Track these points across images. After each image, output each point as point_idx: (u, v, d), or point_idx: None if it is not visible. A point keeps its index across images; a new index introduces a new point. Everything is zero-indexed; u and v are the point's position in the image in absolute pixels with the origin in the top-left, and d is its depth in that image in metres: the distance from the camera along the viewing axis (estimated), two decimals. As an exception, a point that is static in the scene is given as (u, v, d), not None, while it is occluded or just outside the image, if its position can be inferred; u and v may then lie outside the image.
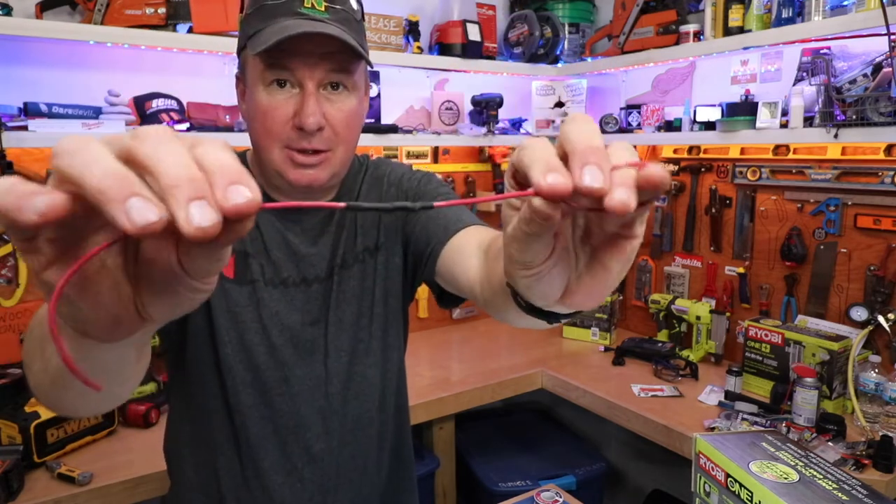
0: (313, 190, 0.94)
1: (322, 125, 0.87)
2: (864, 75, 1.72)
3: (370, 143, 2.24)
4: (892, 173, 1.78)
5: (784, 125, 1.91)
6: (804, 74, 1.93)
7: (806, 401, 1.64)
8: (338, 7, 0.88)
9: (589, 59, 2.50)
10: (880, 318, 1.76)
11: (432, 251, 0.94)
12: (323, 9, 0.86)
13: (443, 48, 2.34)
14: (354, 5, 0.91)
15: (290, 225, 0.99)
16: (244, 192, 0.30)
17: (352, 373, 1.02)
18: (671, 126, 2.29)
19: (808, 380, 1.65)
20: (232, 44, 1.85)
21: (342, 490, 1.01)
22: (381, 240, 1.04)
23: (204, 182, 0.30)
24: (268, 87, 0.87)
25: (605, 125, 2.48)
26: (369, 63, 0.92)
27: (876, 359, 1.70)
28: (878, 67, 1.69)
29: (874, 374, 1.66)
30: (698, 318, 2.16)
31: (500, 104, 2.45)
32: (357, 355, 1.02)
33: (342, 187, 1.03)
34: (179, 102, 1.92)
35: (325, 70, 0.87)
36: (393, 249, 1.06)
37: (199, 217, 0.29)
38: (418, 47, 2.31)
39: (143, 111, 1.86)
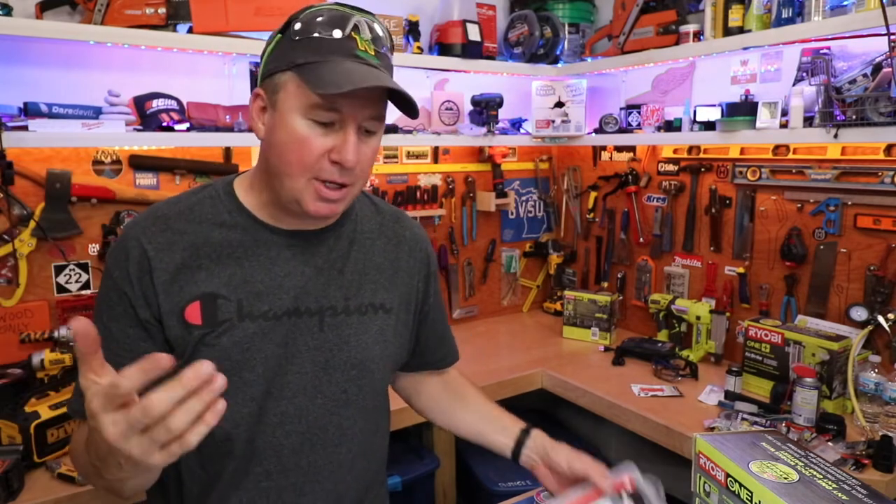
0: (328, 220, 0.99)
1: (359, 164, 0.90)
2: (864, 75, 1.72)
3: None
4: (891, 173, 1.78)
5: (784, 125, 1.91)
6: (804, 74, 1.93)
7: (806, 401, 1.64)
8: (383, 52, 0.90)
9: (589, 59, 2.50)
10: (880, 318, 1.76)
11: (429, 364, 1.22)
12: (373, 53, 0.89)
13: (443, 48, 2.34)
14: (386, 39, 0.93)
15: (284, 253, 0.98)
16: None
17: (324, 424, 1.00)
18: (671, 126, 2.29)
19: (808, 380, 1.65)
20: (232, 44, 1.85)
21: None
22: (394, 304, 1.07)
23: None
24: (308, 120, 0.87)
25: (605, 125, 2.48)
26: (412, 110, 0.91)
27: (876, 359, 1.70)
28: (877, 67, 1.69)
29: (874, 374, 1.66)
30: (698, 318, 2.16)
31: (500, 104, 2.45)
32: (335, 406, 1.01)
33: (345, 213, 1.05)
34: (179, 102, 1.92)
35: (368, 114, 0.89)
36: (404, 320, 1.10)
37: None
38: (418, 47, 2.31)
39: (143, 111, 1.86)
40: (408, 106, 0.90)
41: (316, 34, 0.86)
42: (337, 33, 0.86)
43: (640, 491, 0.89)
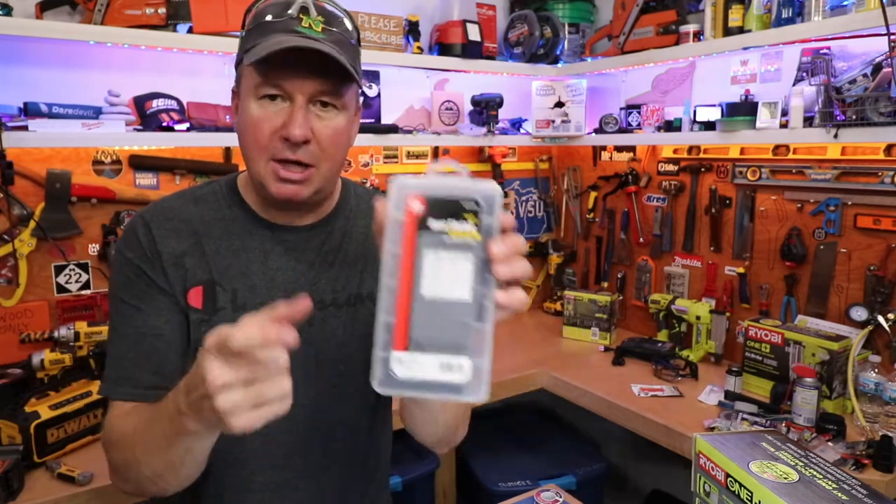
0: (295, 204, 0.96)
1: (308, 138, 0.89)
2: (864, 75, 1.72)
3: (370, 143, 2.24)
4: (891, 173, 1.78)
5: (784, 125, 1.91)
6: (804, 74, 1.93)
7: (806, 401, 1.64)
8: (334, 30, 0.91)
9: (589, 59, 2.50)
10: (880, 318, 1.76)
11: None
12: (320, 30, 0.89)
13: (443, 48, 2.34)
14: (350, 30, 0.94)
15: (277, 248, 0.99)
16: None
17: (316, 419, 1.00)
18: (671, 126, 2.29)
19: (808, 380, 1.65)
20: (232, 44, 1.85)
21: None
22: None
23: None
24: (259, 100, 0.90)
25: (605, 125, 2.48)
26: (360, 85, 0.96)
27: (876, 359, 1.70)
28: (877, 67, 1.69)
29: (874, 374, 1.66)
30: (698, 318, 2.16)
31: (500, 104, 2.45)
32: (326, 401, 1.00)
33: (338, 209, 1.05)
34: (179, 102, 1.92)
35: (315, 87, 0.89)
36: None
37: None
38: (418, 47, 2.31)
39: (143, 111, 1.86)
40: (347, 75, 0.88)
41: (265, 19, 0.89)
42: (284, 15, 0.89)
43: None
